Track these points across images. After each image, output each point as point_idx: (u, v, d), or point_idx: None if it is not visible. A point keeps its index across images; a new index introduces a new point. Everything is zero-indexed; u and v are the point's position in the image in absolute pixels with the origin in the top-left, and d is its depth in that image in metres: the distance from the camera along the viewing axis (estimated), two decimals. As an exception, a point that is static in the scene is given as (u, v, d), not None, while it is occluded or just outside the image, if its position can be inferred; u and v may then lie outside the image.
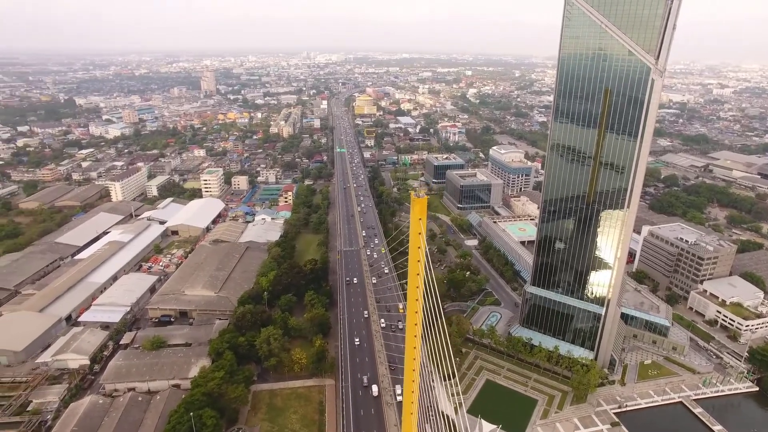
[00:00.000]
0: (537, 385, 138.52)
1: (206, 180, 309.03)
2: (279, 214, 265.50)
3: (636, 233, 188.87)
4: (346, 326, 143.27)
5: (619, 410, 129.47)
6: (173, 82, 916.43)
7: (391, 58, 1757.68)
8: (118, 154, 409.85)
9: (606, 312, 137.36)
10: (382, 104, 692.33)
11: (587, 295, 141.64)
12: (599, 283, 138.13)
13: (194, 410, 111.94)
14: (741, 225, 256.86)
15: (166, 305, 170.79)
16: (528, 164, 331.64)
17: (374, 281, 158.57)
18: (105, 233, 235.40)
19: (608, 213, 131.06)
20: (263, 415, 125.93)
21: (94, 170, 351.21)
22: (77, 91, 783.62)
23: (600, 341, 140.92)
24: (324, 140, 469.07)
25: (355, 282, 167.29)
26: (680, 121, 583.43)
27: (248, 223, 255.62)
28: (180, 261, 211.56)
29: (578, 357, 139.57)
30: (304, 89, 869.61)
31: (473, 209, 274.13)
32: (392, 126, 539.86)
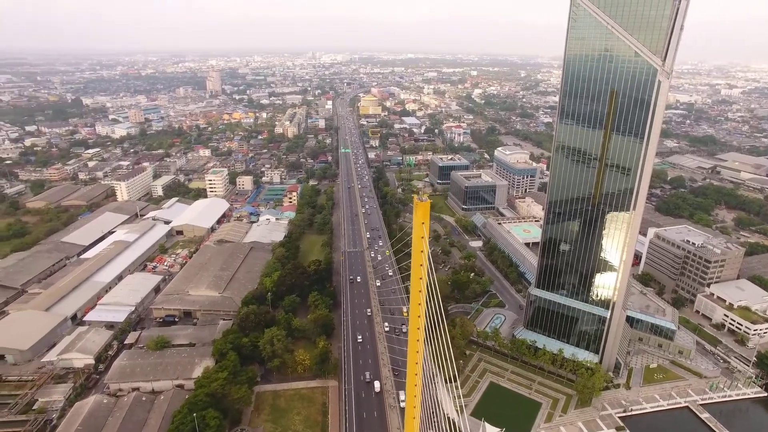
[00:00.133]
0: (541, 388, 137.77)
1: (211, 180, 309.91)
2: (283, 215, 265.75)
3: (642, 235, 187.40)
4: (349, 325, 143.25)
5: (624, 414, 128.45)
6: (179, 82, 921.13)
7: (396, 59, 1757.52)
8: (124, 154, 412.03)
9: (611, 315, 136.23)
10: (387, 104, 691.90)
11: (592, 298, 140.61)
12: (604, 286, 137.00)
13: (197, 411, 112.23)
14: (749, 227, 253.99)
15: (171, 305, 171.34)
16: (533, 165, 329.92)
17: (378, 284, 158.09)
18: (110, 233, 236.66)
19: (614, 215, 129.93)
20: (266, 416, 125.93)
21: (100, 170, 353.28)
22: (84, 91, 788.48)
23: (605, 344, 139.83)
24: (329, 140, 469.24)
25: (359, 281, 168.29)
26: (687, 122, 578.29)
27: (253, 224, 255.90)
28: (184, 261, 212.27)
29: (583, 360, 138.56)
30: (309, 89, 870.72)
31: (478, 210, 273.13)
32: (397, 126, 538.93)
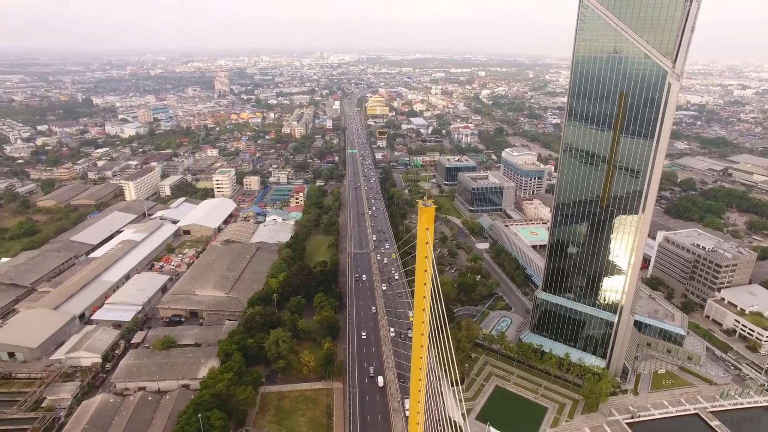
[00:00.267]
0: (547, 393, 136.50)
1: (218, 180, 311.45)
2: (290, 215, 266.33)
3: (651, 238, 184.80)
4: (354, 325, 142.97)
5: (632, 420, 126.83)
6: (188, 82, 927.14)
7: (404, 59, 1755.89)
8: (133, 154, 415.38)
9: (619, 319, 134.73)
10: (395, 105, 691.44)
11: (600, 302, 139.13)
12: (612, 290, 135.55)
13: (202, 411, 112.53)
14: (762, 231, 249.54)
15: (177, 305, 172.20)
16: (541, 167, 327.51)
17: (384, 287, 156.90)
18: (118, 232, 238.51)
19: (622, 217, 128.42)
20: (271, 417, 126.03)
21: (109, 169, 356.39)
22: (95, 91, 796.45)
23: (612, 349, 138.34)
24: (336, 141, 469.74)
25: (364, 279, 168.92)
26: (698, 123, 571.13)
27: (259, 224, 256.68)
28: (191, 261, 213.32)
29: (590, 365, 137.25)
30: (317, 89, 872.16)
31: (485, 212, 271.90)
32: (404, 127, 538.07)
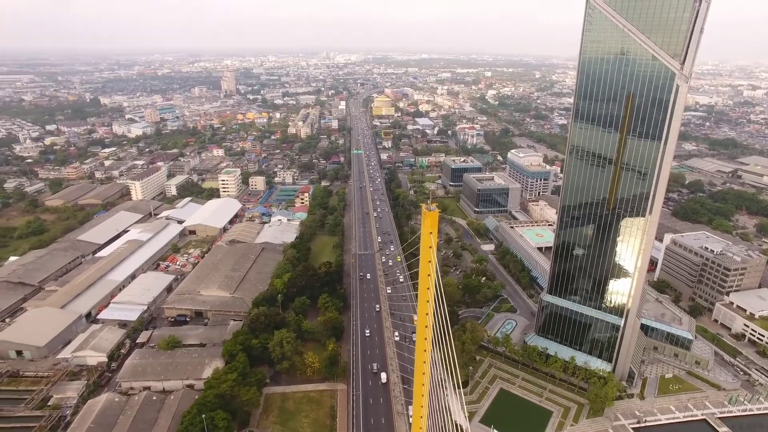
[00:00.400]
0: (552, 396, 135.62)
1: (224, 180, 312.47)
2: (295, 216, 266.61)
3: (658, 241, 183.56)
4: (358, 323, 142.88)
5: (638, 425, 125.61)
6: (194, 82, 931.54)
7: (410, 59, 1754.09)
8: (140, 153, 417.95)
9: (625, 323, 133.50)
10: (400, 105, 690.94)
11: (606, 305, 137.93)
12: (618, 293, 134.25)
13: (206, 412, 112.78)
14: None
15: (182, 305, 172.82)
16: (547, 168, 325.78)
17: (389, 291, 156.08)
18: (125, 231, 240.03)
19: (629, 219, 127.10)
20: (275, 418, 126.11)
21: (116, 169, 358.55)
22: (102, 91, 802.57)
23: (618, 353, 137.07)
24: (341, 141, 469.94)
25: (368, 277, 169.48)
26: (707, 125, 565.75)
27: (264, 224, 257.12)
28: (197, 261, 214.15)
29: (595, 369, 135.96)
30: (323, 89, 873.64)
31: (490, 213, 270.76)
32: (410, 127, 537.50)
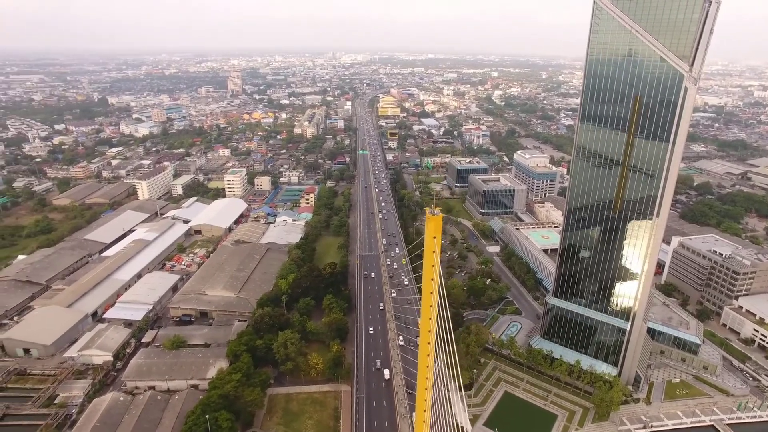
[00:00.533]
0: (557, 400, 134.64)
1: (230, 180, 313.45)
2: (300, 216, 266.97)
3: (665, 243, 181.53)
4: (363, 323, 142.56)
5: (644, 430, 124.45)
6: (201, 82, 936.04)
7: (417, 59, 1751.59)
8: (146, 153, 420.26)
9: (631, 326, 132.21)
10: (406, 105, 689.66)
11: (612, 308, 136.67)
12: (625, 296, 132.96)
13: (210, 412, 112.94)
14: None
15: (187, 305, 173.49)
16: (553, 169, 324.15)
17: (394, 294, 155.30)
18: (131, 231, 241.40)
19: (636, 222, 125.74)
20: (278, 419, 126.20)
21: (123, 168, 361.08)
22: (110, 90, 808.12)
23: (624, 357, 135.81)
24: (347, 141, 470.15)
25: (373, 276, 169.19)
26: (716, 126, 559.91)
27: (270, 224, 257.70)
28: (202, 260, 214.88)
29: (601, 372, 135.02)
30: (329, 89, 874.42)
31: (496, 215, 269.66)
32: (416, 128, 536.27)
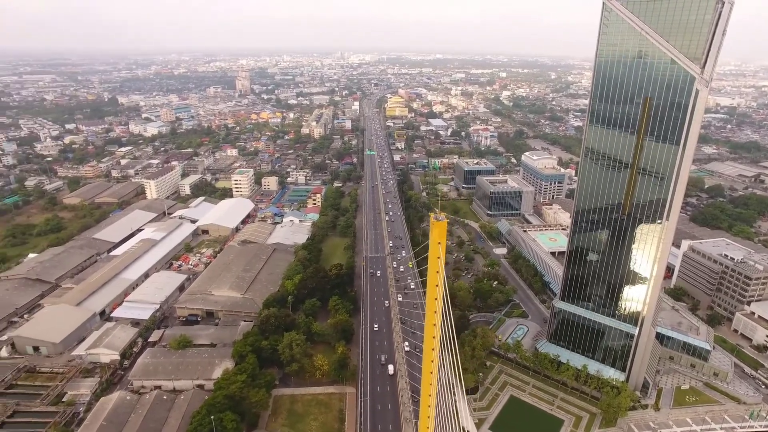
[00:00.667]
0: (564, 405, 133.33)
1: (237, 180, 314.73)
2: (307, 216, 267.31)
3: (675, 247, 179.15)
4: (368, 322, 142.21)
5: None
6: (210, 81, 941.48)
7: (425, 59, 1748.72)
8: (155, 152, 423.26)
9: (640, 331, 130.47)
10: (414, 106, 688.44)
11: (620, 313, 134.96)
12: (633, 300, 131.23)
13: (215, 413, 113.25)
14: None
15: (194, 305, 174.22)
16: (561, 171, 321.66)
17: (400, 298, 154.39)
18: (139, 230, 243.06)
19: (645, 225, 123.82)
20: (283, 421, 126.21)
21: (132, 168, 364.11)
22: (120, 90, 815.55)
23: (632, 362, 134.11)
24: (354, 142, 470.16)
25: (379, 275, 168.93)
26: (728, 127, 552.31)
27: (276, 225, 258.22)
28: (209, 260, 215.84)
29: (608, 378, 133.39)
30: (337, 90, 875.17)
31: (503, 216, 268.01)
32: (423, 128, 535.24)
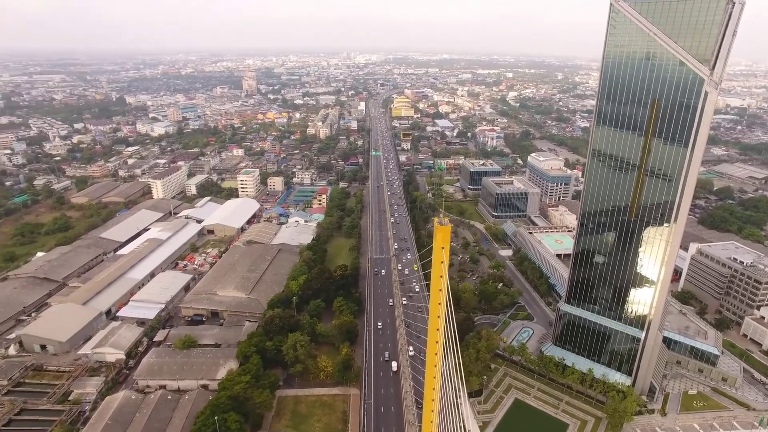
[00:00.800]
0: (569, 409, 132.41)
1: (243, 180, 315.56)
2: (312, 217, 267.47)
3: (683, 250, 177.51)
4: (372, 321, 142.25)
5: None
6: (216, 81, 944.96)
7: (431, 59, 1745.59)
8: (162, 152, 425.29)
9: (646, 335, 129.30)
10: (420, 106, 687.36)
11: (626, 316, 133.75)
12: (640, 304, 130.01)
13: (219, 413, 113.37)
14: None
15: (199, 305, 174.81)
16: (567, 172, 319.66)
17: (405, 302, 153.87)
18: (145, 230, 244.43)
19: (653, 227, 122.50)
20: (287, 422, 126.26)
21: (139, 167, 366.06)
22: (128, 90, 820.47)
23: (639, 366, 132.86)
24: (360, 142, 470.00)
25: (383, 273, 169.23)
26: (738, 128, 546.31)
27: (282, 225, 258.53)
28: (214, 260, 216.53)
29: (614, 382, 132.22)
30: (343, 90, 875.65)
31: (509, 218, 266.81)
32: (429, 129, 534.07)
